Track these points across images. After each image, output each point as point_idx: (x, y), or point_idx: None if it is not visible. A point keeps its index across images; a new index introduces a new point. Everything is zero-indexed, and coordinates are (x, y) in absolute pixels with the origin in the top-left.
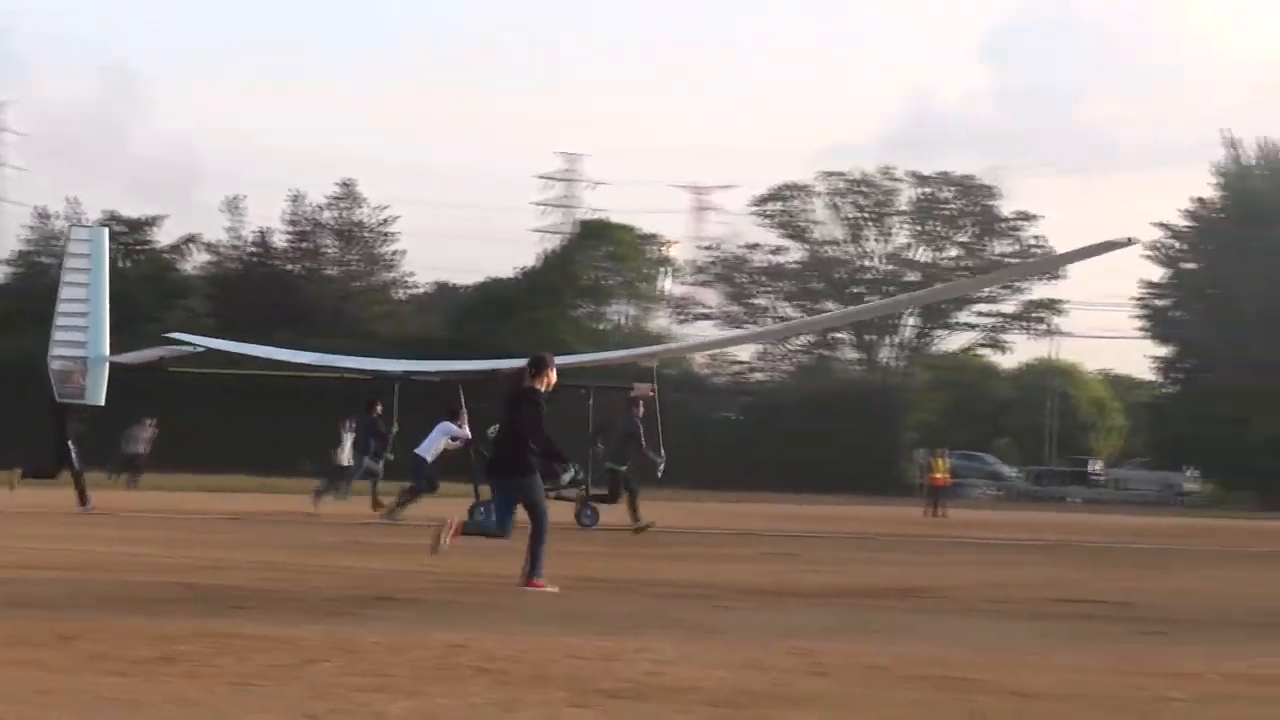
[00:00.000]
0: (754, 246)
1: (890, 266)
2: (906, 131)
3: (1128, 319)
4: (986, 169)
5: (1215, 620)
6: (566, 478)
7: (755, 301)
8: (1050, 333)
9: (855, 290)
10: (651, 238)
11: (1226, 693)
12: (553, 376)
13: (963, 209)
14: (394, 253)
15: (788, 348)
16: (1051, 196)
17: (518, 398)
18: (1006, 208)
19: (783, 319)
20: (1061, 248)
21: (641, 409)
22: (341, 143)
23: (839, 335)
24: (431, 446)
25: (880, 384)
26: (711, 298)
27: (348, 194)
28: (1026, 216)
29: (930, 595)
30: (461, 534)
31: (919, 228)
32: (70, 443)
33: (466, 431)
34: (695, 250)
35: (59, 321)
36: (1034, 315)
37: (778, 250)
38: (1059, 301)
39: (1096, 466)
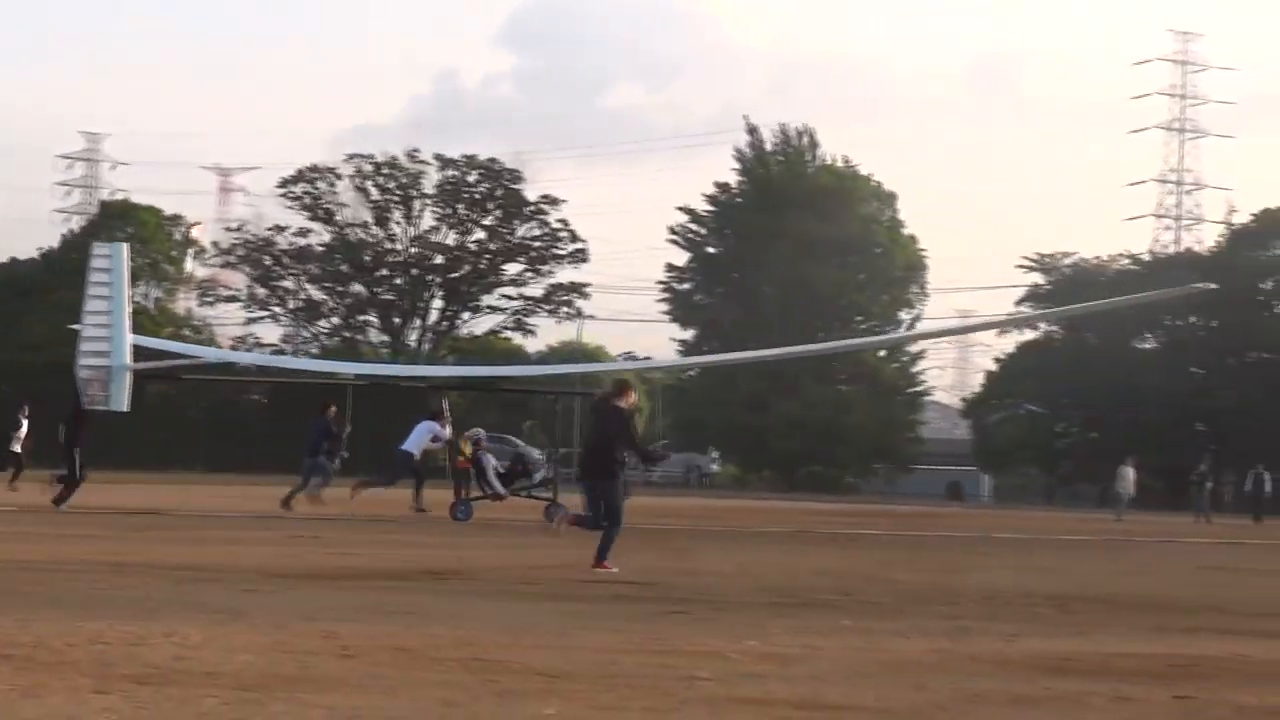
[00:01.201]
0: (280, 229)
1: (416, 249)
2: (432, 114)
3: (652, 302)
4: (512, 153)
5: (735, 600)
6: (539, 477)
7: (282, 284)
8: (576, 316)
9: (382, 273)
10: (176, 219)
11: (749, 670)
12: (633, 397)
13: (488, 192)
14: None
15: (316, 330)
16: (578, 180)
17: (608, 413)
18: (532, 191)
19: (309, 301)
20: (587, 231)
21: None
22: None
23: (367, 318)
24: (416, 443)
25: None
26: (237, 280)
27: None
28: (551, 200)
29: (458, 577)
30: (573, 524)
31: (445, 211)
32: (77, 449)
33: (447, 432)
34: (220, 232)
35: (85, 333)
36: (560, 298)
37: (303, 232)
38: (583, 285)
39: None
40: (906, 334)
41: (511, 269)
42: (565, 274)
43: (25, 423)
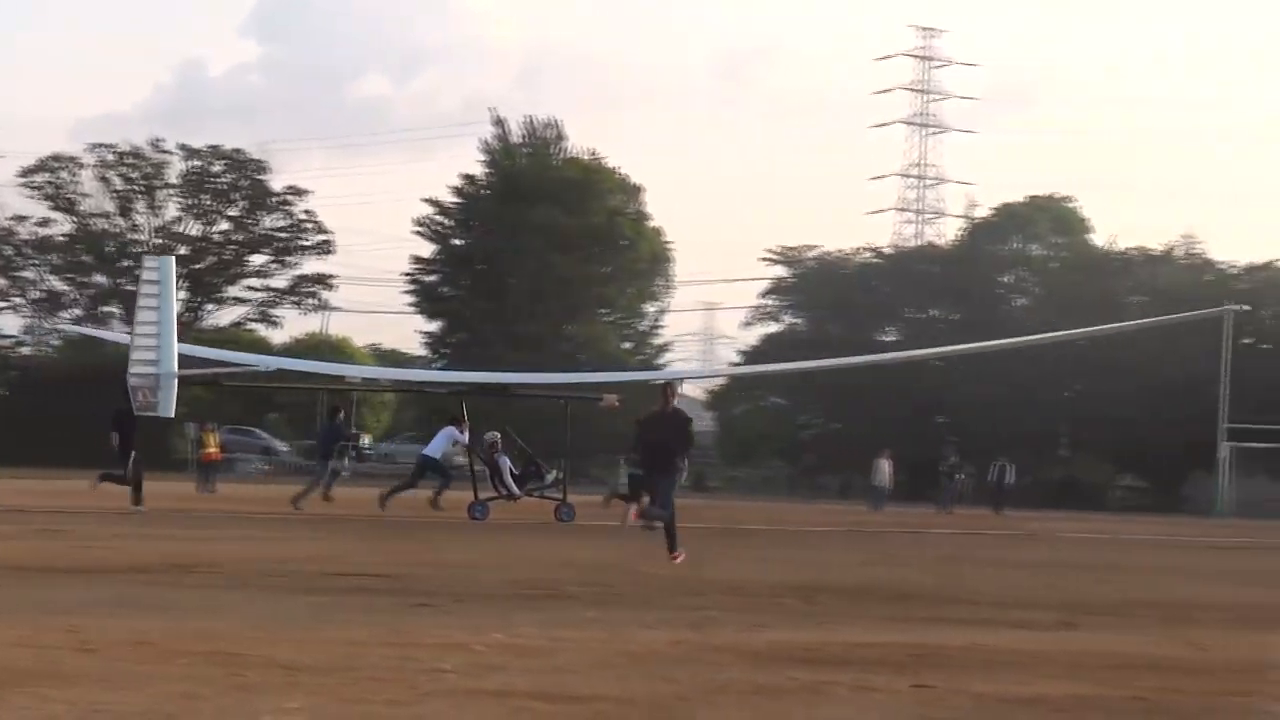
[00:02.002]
0: (21, 219)
1: (160, 240)
2: (177, 103)
3: (398, 294)
4: (257, 143)
5: (480, 592)
6: (550, 478)
7: (23, 275)
8: (321, 307)
9: (125, 264)
10: None
11: (492, 662)
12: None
13: (233, 183)
14: None
15: (56, 321)
16: (324, 171)
17: (666, 416)
18: (277, 182)
19: (51, 292)
20: (334, 222)
21: None
22: None
23: (110, 309)
24: (438, 448)
25: None
26: None
27: None
28: (297, 191)
29: (201, 570)
30: (640, 518)
31: (190, 201)
32: (134, 450)
33: (466, 436)
34: None
35: (136, 341)
36: (306, 290)
37: (45, 222)
38: (330, 277)
39: (366, 441)
40: (912, 352)
41: (256, 260)
42: (311, 265)
43: None
